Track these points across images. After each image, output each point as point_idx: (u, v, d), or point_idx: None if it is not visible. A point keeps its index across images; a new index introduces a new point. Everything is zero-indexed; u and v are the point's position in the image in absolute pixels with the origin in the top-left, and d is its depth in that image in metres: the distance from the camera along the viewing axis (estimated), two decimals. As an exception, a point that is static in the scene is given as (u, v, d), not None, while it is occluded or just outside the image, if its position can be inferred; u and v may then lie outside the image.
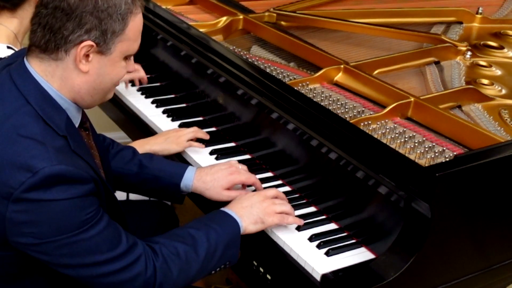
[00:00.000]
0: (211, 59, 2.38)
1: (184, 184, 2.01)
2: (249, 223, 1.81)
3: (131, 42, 1.63)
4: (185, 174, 2.01)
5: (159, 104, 2.55)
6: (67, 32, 1.53)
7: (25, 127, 1.52)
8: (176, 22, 2.63)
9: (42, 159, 1.47)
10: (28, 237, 1.50)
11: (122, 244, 1.60)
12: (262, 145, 2.18)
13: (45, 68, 1.59)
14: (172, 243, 1.69)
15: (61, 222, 1.50)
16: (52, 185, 1.48)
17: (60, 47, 1.55)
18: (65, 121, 1.59)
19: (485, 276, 1.89)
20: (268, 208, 1.83)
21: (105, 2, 1.55)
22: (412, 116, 2.10)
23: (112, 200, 1.74)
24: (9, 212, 1.48)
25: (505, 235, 1.90)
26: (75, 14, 1.52)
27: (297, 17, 2.80)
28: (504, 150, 1.81)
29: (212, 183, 1.97)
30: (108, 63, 1.62)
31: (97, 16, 1.54)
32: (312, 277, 1.73)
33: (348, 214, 1.88)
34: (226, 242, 1.75)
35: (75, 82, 1.60)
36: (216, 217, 1.81)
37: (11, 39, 2.30)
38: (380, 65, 2.41)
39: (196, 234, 1.72)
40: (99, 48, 1.57)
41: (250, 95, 2.19)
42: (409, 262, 1.63)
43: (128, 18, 1.60)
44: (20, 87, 1.57)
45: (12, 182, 1.46)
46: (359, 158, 1.83)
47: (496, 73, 2.51)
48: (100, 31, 1.55)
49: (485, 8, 2.96)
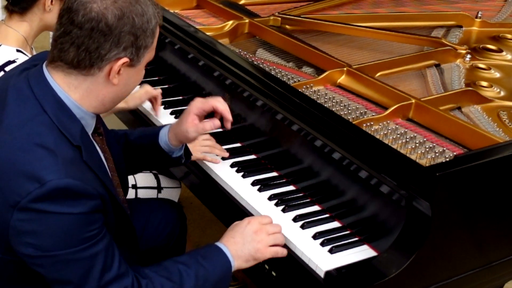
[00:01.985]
0: (217, 61, 2.38)
1: (163, 142, 1.99)
2: (241, 262, 1.77)
3: (153, 50, 1.65)
4: (160, 132, 2.01)
5: (167, 106, 2.55)
6: (104, 52, 1.52)
7: (39, 136, 1.50)
8: (183, 26, 2.63)
9: (51, 171, 1.45)
10: (28, 247, 1.49)
11: (112, 270, 1.57)
12: (267, 146, 2.18)
13: (69, 81, 1.57)
14: (160, 280, 1.65)
15: (63, 237, 1.49)
16: (58, 198, 1.46)
17: (94, 65, 1.54)
18: (80, 131, 1.58)
19: (485, 273, 1.89)
20: (260, 243, 1.78)
21: (140, 19, 1.54)
22: (413, 117, 2.10)
23: (120, 212, 1.72)
24: (13, 220, 1.47)
25: (503, 233, 1.90)
26: (114, 34, 1.52)
27: (301, 21, 2.80)
28: (502, 151, 1.82)
29: (182, 118, 1.95)
30: (135, 73, 1.63)
31: (134, 33, 1.54)
32: (316, 273, 1.73)
33: (351, 212, 1.88)
34: (215, 280, 1.73)
35: (101, 93, 1.59)
36: (208, 253, 1.76)
37: (21, 42, 2.31)
38: (382, 67, 2.41)
39: (184, 272, 1.69)
40: (131, 62, 1.58)
41: (256, 96, 2.19)
42: (410, 259, 1.63)
43: (156, 31, 1.62)
44: (37, 95, 1.55)
45: (20, 191, 1.45)
46: (362, 158, 1.83)
47: (495, 75, 2.51)
48: (136, 47, 1.56)
49: (484, 12, 2.96)
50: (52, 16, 2.29)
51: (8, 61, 2.21)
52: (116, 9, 1.51)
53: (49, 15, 2.29)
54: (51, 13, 2.29)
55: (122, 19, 1.52)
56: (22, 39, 2.31)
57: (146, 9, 1.56)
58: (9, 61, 2.21)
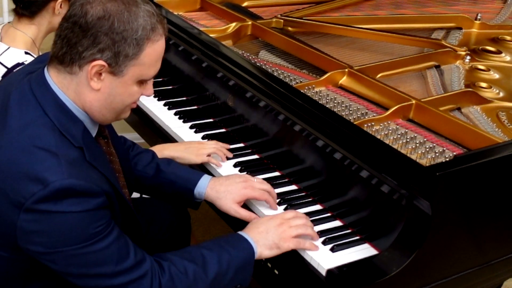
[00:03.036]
0: (221, 63, 2.39)
1: (198, 191, 1.97)
2: (264, 248, 1.76)
3: (145, 67, 1.59)
4: (199, 181, 1.98)
5: (171, 106, 2.55)
6: (81, 48, 1.52)
7: (40, 139, 1.50)
8: (187, 28, 2.63)
9: (54, 172, 1.46)
10: (37, 245, 1.50)
11: (129, 259, 1.57)
12: (270, 146, 2.18)
13: (61, 79, 1.58)
14: (182, 262, 1.66)
15: (70, 234, 1.49)
16: (62, 198, 1.47)
17: (74, 62, 1.54)
18: (82, 132, 1.58)
19: (484, 271, 1.89)
20: (284, 233, 1.77)
21: (122, 24, 1.52)
22: (414, 117, 2.10)
23: (126, 209, 1.73)
24: (20, 221, 1.48)
25: (503, 232, 1.90)
26: (90, 32, 1.51)
27: (303, 23, 2.80)
28: (501, 151, 1.82)
29: (225, 194, 1.93)
30: (119, 84, 1.58)
31: (112, 37, 1.51)
32: (318, 272, 1.73)
33: (352, 211, 1.88)
34: (238, 266, 1.71)
35: (87, 99, 1.58)
36: (231, 239, 1.76)
37: (29, 44, 2.31)
38: (383, 69, 2.41)
39: (207, 255, 1.69)
40: (111, 69, 1.54)
41: (258, 97, 2.20)
42: (410, 257, 1.64)
43: (145, 44, 1.55)
44: (38, 98, 1.56)
45: (24, 193, 1.46)
46: (363, 158, 1.83)
47: (494, 76, 2.51)
48: (113, 52, 1.52)
49: (483, 15, 2.96)
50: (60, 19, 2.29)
51: (17, 63, 2.22)
52: (102, 9, 1.51)
53: (57, 18, 2.30)
54: (60, 16, 2.29)
55: (102, 20, 1.51)
56: (30, 42, 2.32)
57: (133, 18, 1.53)
58: (18, 63, 2.22)
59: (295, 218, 1.82)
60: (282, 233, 1.77)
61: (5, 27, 2.37)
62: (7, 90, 1.61)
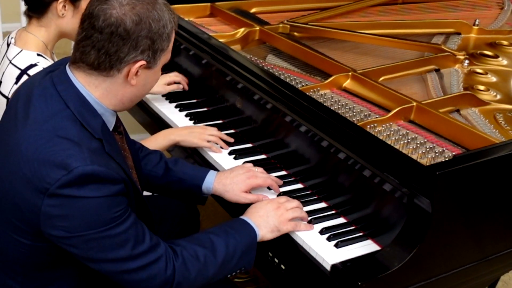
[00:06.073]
0: (230, 67, 2.39)
1: (206, 187, 2.00)
2: (266, 232, 1.79)
3: (169, 52, 1.67)
4: (206, 177, 2.00)
5: (182, 108, 2.56)
6: (123, 55, 1.54)
7: (63, 129, 1.52)
8: (197, 33, 2.64)
9: (77, 159, 1.48)
10: (59, 230, 1.51)
11: (145, 243, 1.59)
12: (277, 146, 2.19)
13: (90, 80, 1.59)
14: (193, 247, 1.68)
15: (91, 218, 1.50)
16: (85, 183, 1.48)
17: (114, 67, 1.56)
18: (101, 125, 1.60)
19: (482, 266, 1.89)
20: (282, 216, 1.81)
21: (156, 24, 1.56)
22: (415, 119, 2.11)
23: (140, 199, 1.74)
24: (44, 206, 1.49)
25: (500, 228, 1.90)
26: (131, 38, 1.53)
27: (309, 28, 2.81)
28: (499, 151, 1.82)
29: (231, 186, 1.96)
30: (152, 75, 1.65)
31: (151, 37, 1.56)
32: (323, 267, 1.73)
33: (355, 209, 1.89)
34: (243, 249, 1.74)
35: (119, 93, 1.62)
36: (235, 224, 1.79)
37: (40, 47, 2.30)
38: (385, 72, 2.41)
39: (215, 240, 1.71)
40: (148, 65, 1.59)
41: (266, 100, 2.20)
42: (411, 253, 1.64)
43: (172, 35, 1.63)
44: (61, 93, 1.58)
45: (48, 179, 1.47)
46: (366, 157, 1.84)
47: (491, 80, 2.51)
48: (152, 51, 1.58)
49: (481, 20, 2.96)
50: (67, 22, 2.29)
51: (30, 64, 2.22)
52: (134, 15, 1.53)
53: (63, 20, 2.28)
54: (65, 18, 2.28)
55: (140, 24, 1.54)
56: (41, 45, 2.31)
57: (162, 15, 1.58)
58: (31, 64, 2.22)
59: (289, 201, 1.88)
60: (280, 216, 1.81)
61: (19, 31, 2.37)
62: (29, 88, 1.63)
